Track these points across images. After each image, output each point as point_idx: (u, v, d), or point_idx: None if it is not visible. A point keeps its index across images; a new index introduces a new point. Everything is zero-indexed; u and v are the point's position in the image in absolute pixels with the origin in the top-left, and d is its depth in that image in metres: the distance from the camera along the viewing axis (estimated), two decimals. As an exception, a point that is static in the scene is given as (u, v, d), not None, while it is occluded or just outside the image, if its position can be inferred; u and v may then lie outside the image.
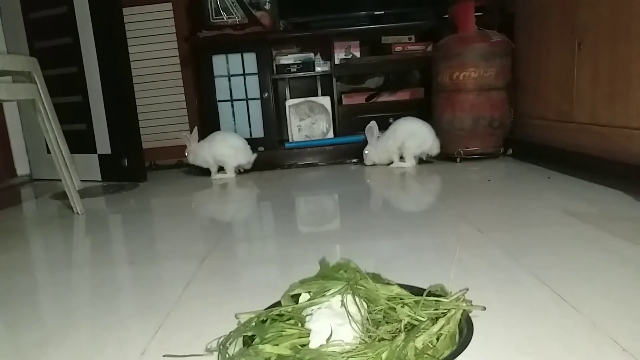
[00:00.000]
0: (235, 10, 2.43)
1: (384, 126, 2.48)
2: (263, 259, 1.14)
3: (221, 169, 2.25)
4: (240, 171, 2.29)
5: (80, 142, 2.34)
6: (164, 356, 0.69)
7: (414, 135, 2.14)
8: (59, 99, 1.68)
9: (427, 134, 2.15)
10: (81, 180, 1.83)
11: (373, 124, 2.21)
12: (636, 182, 1.39)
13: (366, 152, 2.25)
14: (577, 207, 1.32)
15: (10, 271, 1.18)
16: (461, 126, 2.14)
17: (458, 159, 2.17)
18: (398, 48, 2.53)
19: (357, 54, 2.56)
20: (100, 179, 2.39)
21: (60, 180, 1.68)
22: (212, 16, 2.40)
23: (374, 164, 2.26)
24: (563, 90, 1.81)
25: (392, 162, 2.23)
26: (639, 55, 1.40)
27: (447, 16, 2.34)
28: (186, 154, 2.26)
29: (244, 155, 2.23)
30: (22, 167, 2.69)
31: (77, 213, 1.70)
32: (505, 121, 2.16)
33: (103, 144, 2.35)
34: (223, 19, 2.41)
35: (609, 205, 1.32)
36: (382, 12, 2.46)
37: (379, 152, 2.23)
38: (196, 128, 2.25)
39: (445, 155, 2.22)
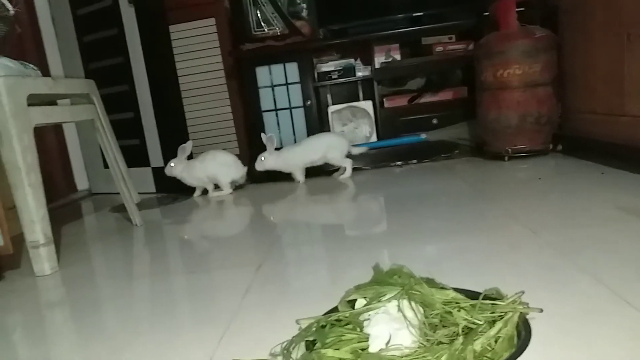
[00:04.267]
0: (275, 22, 2.48)
1: (428, 127, 2.48)
2: (314, 265, 1.18)
3: (216, 187, 2.30)
4: (234, 186, 2.32)
5: (134, 156, 2.45)
6: (231, 360, 0.73)
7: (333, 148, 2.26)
8: (113, 116, 1.77)
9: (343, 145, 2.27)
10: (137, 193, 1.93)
11: (272, 136, 2.25)
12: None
13: (262, 158, 2.25)
14: (633, 203, 1.29)
15: (76, 284, 1.26)
16: (508, 124, 2.11)
17: (506, 158, 2.14)
18: (439, 48, 2.52)
19: (398, 57, 2.57)
20: (154, 191, 2.49)
21: (118, 193, 1.78)
22: (254, 28, 2.46)
23: (265, 170, 2.28)
24: (612, 82, 1.76)
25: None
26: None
27: (487, 14, 2.31)
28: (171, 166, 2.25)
29: (235, 171, 2.26)
30: (81, 183, 2.84)
31: (136, 225, 1.79)
32: (553, 117, 2.11)
33: (156, 157, 2.45)
34: (264, 30, 2.47)
35: (668, 201, 1.28)
36: (421, 14, 2.46)
37: (280, 162, 2.27)
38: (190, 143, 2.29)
39: (493, 154, 2.19)
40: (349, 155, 2.31)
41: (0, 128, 1.27)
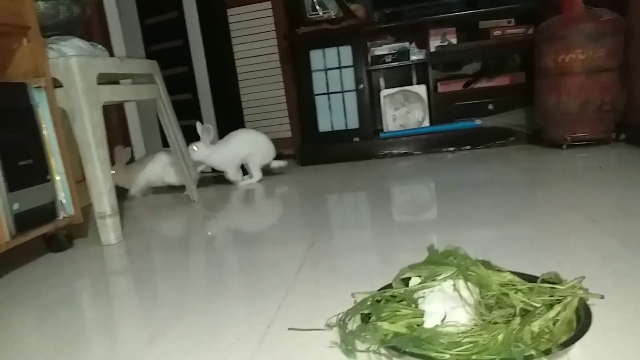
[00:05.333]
0: (330, 5, 2.48)
1: (483, 113, 2.43)
2: (365, 246, 1.19)
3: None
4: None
5: (190, 136, 2.53)
6: (288, 329, 0.76)
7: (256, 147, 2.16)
8: (172, 97, 1.84)
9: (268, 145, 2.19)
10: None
11: (209, 126, 2.10)
12: None
13: (195, 148, 2.09)
14: None
15: (138, 253, 1.33)
16: (567, 111, 2.04)
17: (564, 146, 2.07)
18: (497, 32, 2.45)
19: (454, 41, 2.51)
20: (210, 171, 2.57)
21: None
22: (309, 12, 2.48)
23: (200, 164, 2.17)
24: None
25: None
26: None
27: (550, -4, 2.23)
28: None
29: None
30: (140, 160, 2.96)
31: (194, 201, 1.86)
32: (617, 104, 2.02)
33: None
34: (319, 14, 2.48)
35: None
36: (479, -3, 2.39)
37: (214, 157, 2.14)
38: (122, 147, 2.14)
39: (551, 142, 2.13)
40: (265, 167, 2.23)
41: (73, 105, 1.35)
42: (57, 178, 1.32)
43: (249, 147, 2.16)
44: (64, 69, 1.35)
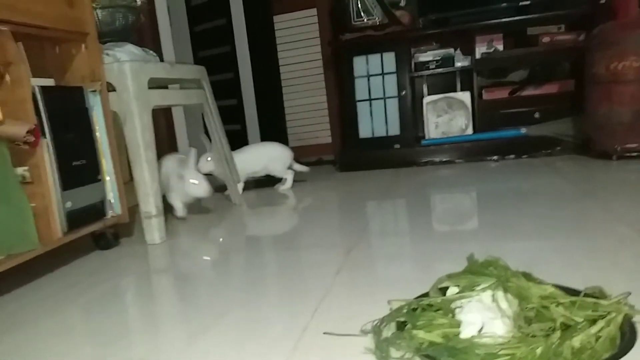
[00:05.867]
0: (375, 11, 2.49)
1: (529, 121, 2.38)
2: (404, 254, 1.19)
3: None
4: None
5: (235, 140, 2.59)
6: (324, 333, 0.77)
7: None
8: (218, 102, 1.89)
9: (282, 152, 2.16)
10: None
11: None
12: None
13: (208, 158, 1.97)
14: None
15: (181, 253, 1.38)
16: (619, 120, 1.96)
17: (614, 157, 1.99)
18: (546, 39, 2.39)
19: (500, 47, 2.47)
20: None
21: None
22: (354, 19, 2.49)
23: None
24: None
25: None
26: None
27: (603, 1, 2.15)
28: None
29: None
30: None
31: (236, 204, 1.90)
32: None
33: (255, 142, 2.58)
34: (364, 20, 2.49)
35: None
36: (528, 2, 2.34)
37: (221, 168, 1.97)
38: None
39: (600, 153, 2.05)
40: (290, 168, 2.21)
41: (125, 108, 1.41)
42: (107, 178, 1.38)
43: (263, 161, 2.17)
44: (118, 73, 1.41)
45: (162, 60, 2.19)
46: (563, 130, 2.31)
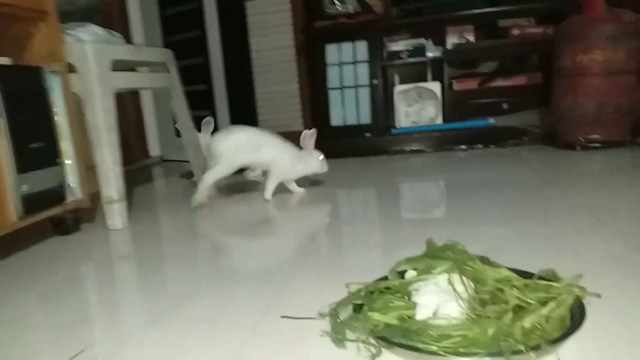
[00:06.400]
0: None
1: (497, 112, 2.40)
2: (369, 240, 1.19)
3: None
4: None
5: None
6: (281, 317, 0.77)
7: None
8: (187, 87, 1.85)
9: None
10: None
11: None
12: None
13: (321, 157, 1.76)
14: None
15: (144, 239, 1.35)
16: (583, 112, 2.00)
17: (578, 147, 2.03)
18: (516, 31, 2.42)
19: (471, 39, 2.49)
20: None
21: (187, 161, 1.87)
22: (327, 6, 2.47)
23: None
24: None
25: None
26: None
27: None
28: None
29: None
30: (154, 149, 3.00)
31: (202, 191, 1.87)
32: (634, 107, 1.98)
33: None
34: (337, 8, 2.47)
35: None
36: (499, -5, 2.36)
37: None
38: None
39: (564, 143, 2.09)
40: None
41: (86, 90, 1.37)
42: (67, 162, 1.34)
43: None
44: (79, 54, 1.37)
45: (130, 43, 2.14)
46: (530, 121, 2.35)
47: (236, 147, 1.65)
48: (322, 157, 1.73)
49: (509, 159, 2.05)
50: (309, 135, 1.74)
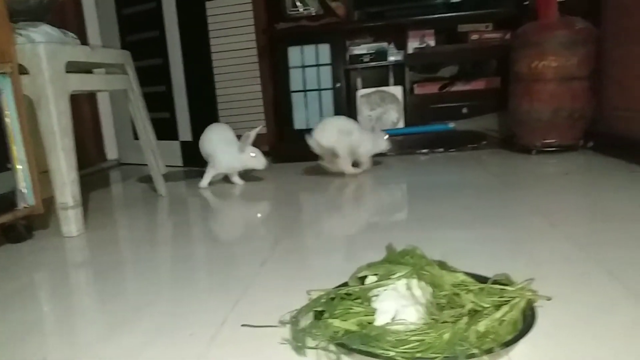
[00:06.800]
0: (311, 2, 2.48)
1: (457, 116, 2.45)
2: (332, 245, 1.20)
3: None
4: None
5: (163, 129, 2.50)
6: (242, 325, 0.76)
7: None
8: (146, 88, 1.81)
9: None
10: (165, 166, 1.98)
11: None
12: None
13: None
14: (661, 203, 1.26)
15: (100, 246, 1.31)
16: (539, 117, 2.07)
17: (534, 151, 2.10)
18: (474, 36, 2.47)
19: (432, 43, 2.53)
20: (181, 165, 2.55)
21: (146, 164, 1.83)
22: (289, 8, 2.47)
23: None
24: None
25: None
26: None
27: (527, 3, 2.26)
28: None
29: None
30: (111, 152, 2.92)
31: (161, 195, 1.84)
32: (586, 112, 2.06)
33: (185, 131, 2.50)
34: (299, 10, 2.47)
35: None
36: (459, 0, 2.41)
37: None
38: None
39: (521, 147, 2.16)
40: None
41: (39, 92, 1.32)
42: (19, 167, 1.29)
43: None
44: (31, 55, 1.32)
45: (86, 44, 2.08)
46: (489, 126, 2.41)
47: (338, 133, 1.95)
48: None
49: (469, 162, 2.10)
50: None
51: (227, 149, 1.93)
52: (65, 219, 1.36)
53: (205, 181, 1.97)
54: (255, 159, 1.92)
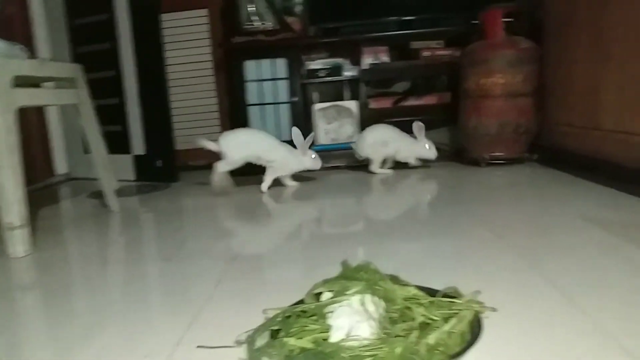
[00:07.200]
0: (267, 16, 2.50)
1: (411, 130, 2.52)
2: (289, 260, 1.20)
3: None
4: None
5: (115, 143, 2.45)
6: (197, 347, 0.76)
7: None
8: (98, 101, 1.77)
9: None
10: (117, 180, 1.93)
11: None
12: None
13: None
14: (597, 214, 1.34)
15: (49, 267, 1.27)
16: (486, 132, 2.16)
17: (483, 164, 2.19)
18: (426, 53, 2.56)
19: (386, 59, 2.60)
20: (134, 179, 2.50)
21: (97, 179, 1.78)
22: (245, 22, 2.48)
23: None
24: (589, 98, 1.81)
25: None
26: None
27: (476, 22, 2.36)
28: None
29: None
30: (61, 167, 2.82)
31: (113, 211, 1.80)
32: (531, 127, 2.17)
33: (138, 145, 2.46)
34: (255, 25, 2.49)
35: (628, 213, 1.33)
36: (412, 18, 2.50)
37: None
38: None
39: (471, 160, 2.24)
40: None
41: (-17, 107, 1.27)
42: (-39, 185, 1.24)
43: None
44: (-26, 69, 1.27)
45: (35, 55, 2.02)
46: (440, 139, 2.49)
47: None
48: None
49: (420, 175, 2.16)
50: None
51: (289, 152, 2.07)
52: (12, 239, 1.31)
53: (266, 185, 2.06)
54: (314, 160, 2.09)
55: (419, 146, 2.24)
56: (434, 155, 2.22)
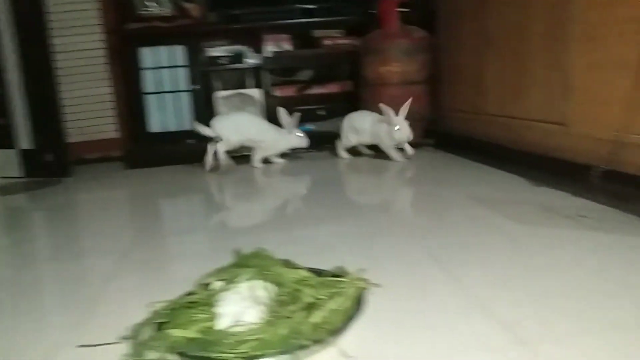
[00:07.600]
0: (164, 2, 2.40)
1: (316, 118, 2.55)
2: (186, 253, 1.17)
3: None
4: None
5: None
6: (78, 346, 0.72)
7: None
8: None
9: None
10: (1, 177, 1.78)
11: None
12: (533, 168, 1.53)
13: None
14: (481, 192, 1.44)
15: None
16: (385, 118, 2.23)
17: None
18: (328, 42, 2.59)
19: (289, 47, 2.60)
20: (21, 175, 2.30)
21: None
22: (140, 7, 2.36)
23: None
24: (476, 84, 1.94)
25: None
26: (534, 54, 1.54)
27: (373, 12, 2.42)
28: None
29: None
30: None
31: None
32: (426, 114, 2.28)
33: (24, 139, 2.26)
34: (151, 10, 2.38)
35: (507, 191, 1.44)
36: (313, 6, 2.51)
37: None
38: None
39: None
40: None
41: None
42: None
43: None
44: None
45: None
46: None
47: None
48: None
49: (328, 162, 2.19)
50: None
51: (277, 132, 2.14)
52: None
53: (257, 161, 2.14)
54: (302, 138, 2.15)
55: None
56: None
